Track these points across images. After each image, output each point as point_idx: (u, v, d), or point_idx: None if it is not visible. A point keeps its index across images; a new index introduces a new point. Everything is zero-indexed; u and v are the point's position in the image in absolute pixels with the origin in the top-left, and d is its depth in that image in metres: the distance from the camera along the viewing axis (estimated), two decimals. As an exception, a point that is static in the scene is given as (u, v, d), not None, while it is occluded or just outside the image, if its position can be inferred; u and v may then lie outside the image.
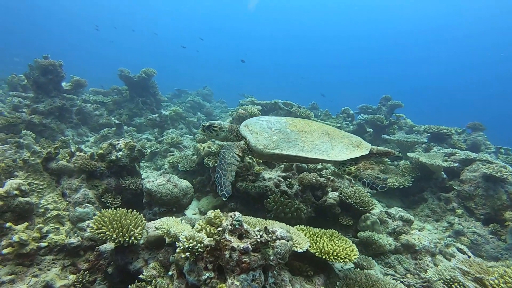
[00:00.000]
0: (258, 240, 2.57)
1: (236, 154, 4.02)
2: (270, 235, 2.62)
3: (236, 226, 2.69)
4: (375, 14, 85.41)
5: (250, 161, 5.61)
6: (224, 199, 3.58)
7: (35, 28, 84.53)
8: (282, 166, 5.94)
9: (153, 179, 4.79)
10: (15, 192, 3.84)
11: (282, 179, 5.62)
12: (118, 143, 5.26)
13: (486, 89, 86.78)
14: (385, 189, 3.89)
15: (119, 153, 5.15)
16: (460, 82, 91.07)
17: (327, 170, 6.60)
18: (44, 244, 3.71)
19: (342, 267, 4.28)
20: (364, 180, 4.00)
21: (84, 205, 4.42)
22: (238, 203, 5.68)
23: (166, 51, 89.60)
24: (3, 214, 3.75)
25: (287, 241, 2.73)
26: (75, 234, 4.08)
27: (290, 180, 5.69)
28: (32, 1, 79.53)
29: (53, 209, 4.30)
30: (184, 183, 4.85)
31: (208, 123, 4.57)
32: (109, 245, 3.65)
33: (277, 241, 2.66)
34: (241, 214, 2.79)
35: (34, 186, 4.44)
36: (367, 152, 3.98)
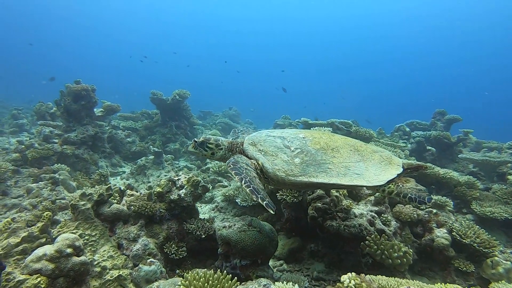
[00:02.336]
0: None
1: (251, 166, 3.21)
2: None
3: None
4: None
5: (337, 194, 4.73)
6: (272, 212, 2.62)
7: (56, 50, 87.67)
8: (372, 198, 5.03)
9: (229, 223, 3.95)
10: (69, 250, 3.06)
11: (375, 215, 4.72)
12: (179, 179, 4.48)
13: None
14: (432, 200, 3.14)
15: (181, 191, 4.35)
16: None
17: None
18: (108, 321, 2.90)
19: None
20: (410, 195, 3.49)
21: (148, 260, 3.59)
22: (320, 244, 4.85)
23: (184, 72, 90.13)
24: (55, 281, 2.96)
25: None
26: (143, 303, 3.25)
27: (385, 215, 4.78)
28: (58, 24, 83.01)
29: (111, 268, 3.49)
30: (267, 226, 4.00)
31: (201, 139, 3.71)
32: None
33: None
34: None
35: (86, 237, 3.66)
36: (402, 170, 3.23)
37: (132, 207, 4.01)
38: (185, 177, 4.45)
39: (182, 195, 4.30)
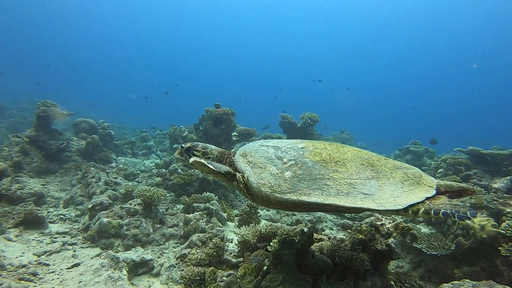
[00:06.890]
0: None
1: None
2: None
3: None
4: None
5: None
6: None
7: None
8: None
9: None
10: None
11: None
12: (383, 224, 3.82)
13: None
14: (477, 214, 2.39)
15: (390, 240, 3.68)
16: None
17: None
18: None
19: None
20: (444, 210, 2.39)
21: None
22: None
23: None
24: None
25: None
26: None
27: None
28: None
29: None
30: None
31: (188, 144, 3.50)
32: None
33: None
34: None
35: (292, 295, 3.18)
36: (434, 192, 2.58)
37: (337, 258, 3.43)
38: (392, 223, 3.77)
39: (393, 245, 3.61)
